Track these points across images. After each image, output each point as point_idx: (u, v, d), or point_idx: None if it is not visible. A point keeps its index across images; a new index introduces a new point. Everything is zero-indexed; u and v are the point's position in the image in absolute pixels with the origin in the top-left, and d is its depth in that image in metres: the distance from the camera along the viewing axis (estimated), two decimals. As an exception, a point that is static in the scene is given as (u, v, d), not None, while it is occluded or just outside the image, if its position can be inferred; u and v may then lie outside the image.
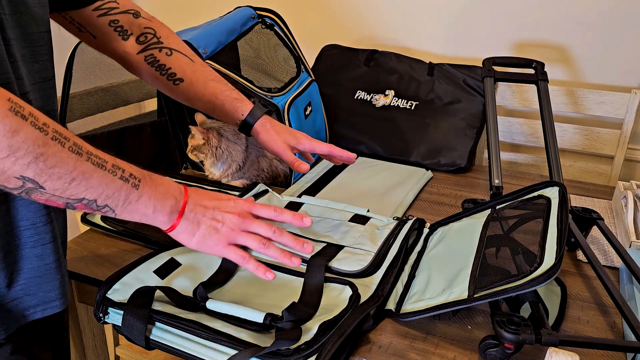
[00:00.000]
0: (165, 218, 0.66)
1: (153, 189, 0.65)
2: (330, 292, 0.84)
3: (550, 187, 0.91)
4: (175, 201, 0.67)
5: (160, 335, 0.76)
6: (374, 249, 0.94)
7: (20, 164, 0.54)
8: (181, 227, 0.68)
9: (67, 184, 0.57)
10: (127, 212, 0.64)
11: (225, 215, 0.69)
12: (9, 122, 0.52)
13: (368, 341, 0.79)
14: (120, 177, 0.62)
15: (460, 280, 0.81)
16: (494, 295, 0.73)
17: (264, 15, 1.35)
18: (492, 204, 0.97)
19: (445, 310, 0.77)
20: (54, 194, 0.58)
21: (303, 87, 1.34)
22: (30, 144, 0.54)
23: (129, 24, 0.86)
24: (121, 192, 0.62)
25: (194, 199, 0.69)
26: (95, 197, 0.60)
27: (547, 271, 0.70)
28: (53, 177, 0.56)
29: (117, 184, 0.61)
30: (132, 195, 0.63)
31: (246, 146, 1.23)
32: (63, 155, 0.56)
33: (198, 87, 0.91)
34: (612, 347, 0.74)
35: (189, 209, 0.68)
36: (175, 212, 0.67)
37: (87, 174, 0.59)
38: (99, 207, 0.61)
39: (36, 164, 0.54)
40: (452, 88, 1.50)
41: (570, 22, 1.59)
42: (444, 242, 0.97)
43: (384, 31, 1.82)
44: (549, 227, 0.81)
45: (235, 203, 0.72)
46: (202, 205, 0.69)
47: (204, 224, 0.68)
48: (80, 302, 0.98)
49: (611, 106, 1.53)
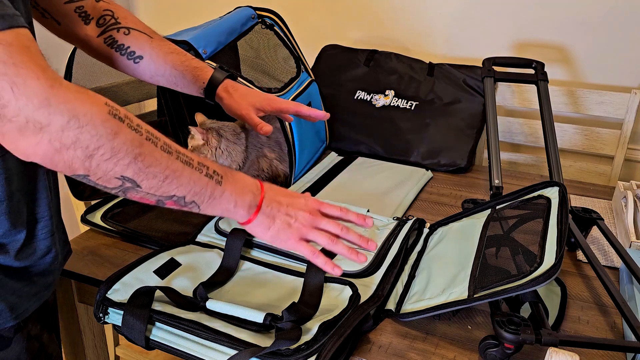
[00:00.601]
0: (245, 212, 0.69)
1: (234, 184, 0.68)
2: (330, 292, 0.84)
3: (550, 187, 0.91)
4: (253, 196, 0.69)
5: (160, 335, 0.76)
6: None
7: (121, 165, 0.56)
8: (258, 221, 0.70)
9: (161, 182, 0.60)
10: (211, 208, 0.66)
11: (297, 212, 0.72)
12: (109, 125, 0.55)
13: (368, 341, 0.79)
14: (206, 174, 0.64)
15: (460, 280, 0.81)
16: (494, 295, 0.73)
17: (264, 15, 1.35)
18: (492, 204, 0.97)
19: (445, 310, 0.77)
20: (148, 191, 0.60)
21: (303, 87, 1.34)
22: (129, 145, 0.56)
23: (92, 8, 0.86)
24: (207, 189, 0.64)
25: (270, 194, 0.71)
26: (185, 193, 0.63)
27: (547, 271, 0.70)
28: (149, 176, 0.59)
29: (203, 181, 0.64)
30: (217, 191, 0.65)
31: (246, 146, 1.23)
32: (157, 154, 0.59)
33: (158, 62, 0.91)
34: (612, 347, 0.74)
35: (265, 204, 0.70)
36: (253, 207, 0.69)
37: (178, 172, 0.61)
38: (186, 203, 0.64)
39: (135, 163, 0.57)
40: (452, 88, 1.50)
41: (570, 22, 1.59)
42: (444, 242, 0.97)
43: (384, 31, 1.82)
44: (549, 227, 0.81)
45: (306, 200, 0.74)
46: (277, 201, 0.71)
47: (279, 219, 0.71)
48: (80, 302, 0.98)
49: (611, 106, 1.53)
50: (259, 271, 0.91)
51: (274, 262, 0.93)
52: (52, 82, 0.52)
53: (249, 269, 0.92)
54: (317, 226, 0.73)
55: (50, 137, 0.52)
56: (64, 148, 0.53)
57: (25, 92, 0.50)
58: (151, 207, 1.13)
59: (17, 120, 0.51)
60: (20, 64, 0.51)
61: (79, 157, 0.54)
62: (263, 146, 1.26)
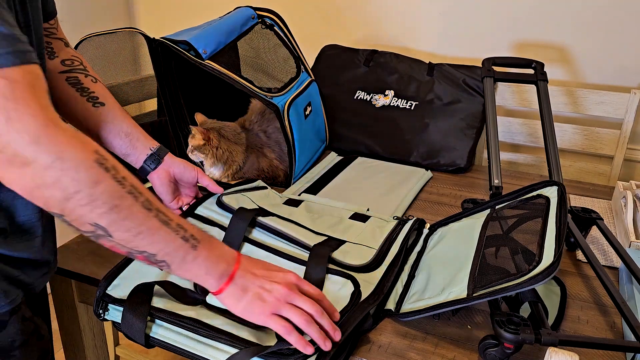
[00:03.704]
0: (215, 282, 0.68)
1: (209, 251, 0.67)
2: (331, 285, 0.84)
3: (549, 186, 0.91)
4: (227, 266, 0.69)
5: (160, 333, 0.76)
6: (375, 246, 0.94)
7: (96, 213, 0.57)
8: (228, 292, 0.69)
9: (134, 237, 0.61)
10: (181, 270, 0.67)
11: (273, 285, 0.70)
12: (93, 173, 0.56)
13: (368, 341, 0.79)
14: (182, 237, 0.65)
15: (459, 279, 0.81)
16: (493, 293, 0.73)
17: (263, 15, 1.35)
18: (492, 204, 0.97)
19: (444, 309, 0.77)
20: (119, 242, 0.61)
21: (303, 87, 1.34)
22: (108, 196, 0.58)
23: (59, 49, 0.89)
24: (179, 251, 0.65)
25: (245, 266, 0.71)
26: (156, 252, 0.63)
27: (546, 269, 0.70)
28: (122, 229, 0.60)
29: (177, 243, 0.64)
30: (189, 255, 0.66)
31: (246, 146, 1.23)
32: (135, 209, 0.60)
33: (118, 113, 0.91)
34: (612, 347, 0.74)
35: (238, 275, 0.69)
36: (225, 277, 0.68)
37: (153, 230, 0.62)
38: (157, 261, 0.65)
39: (110, 214, 0.58)
40: (452, 88, 1.50)
41: (570, 22, 1.59)
42: (443, 242, 0.97)
43: (384, 31, 1.82)
44: (548, 226, 0.81)
45: (284, 274, 0.72)
46: (252, 272, 0.70)
47: (251, 291, 0.69)
48: (80, 302, 0.98)
49: (611, 106, 1.53)
50: (260, 255, 0.89)
51: (276, 247, 0.91)
52: (48, 121, 0.54)
53: (249, 252, 0.90)
54: (292, 302, 0.70)
55: (34, 173, 0.54)
56: (43, 186, 0.55)
57: (18, 127, 0.53)
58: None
59: (6, 152, 0.53)
60: (21, 100, 0.53)
61: (56, 197, 0.56)
62: (263, 146, 1.26)
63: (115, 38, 1.40)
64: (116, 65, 0.91)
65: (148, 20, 2.21)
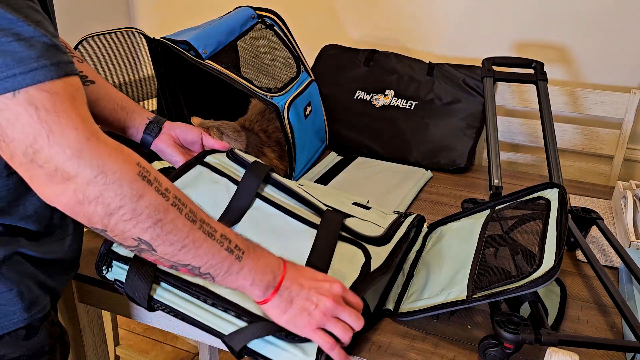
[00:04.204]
0: (261, 292, 0.66)
1: (255, 262, 0.65)
2: (342, 252, 0.79)
3: (550, 188, 0.90)
4: (273, 276, 0.67)
5: (165, 297, 0.74)
6: (384, 225, 0.92)
7: (140, 228, 0.56)
8: (274, 303, 0.67)
9: (178, 250, 0.59)
10: (226, 282, 0.65)
11: (320, 298, 0.68)
12: (136, 187, 0.55)
13: (368, 341, 0.79)
14: (227, 248, 0.63)
15: (458, 280, 0.81)
16: (494, 296, 0.73)
17: (263, 15, 1.35)
18: (492, 205, 0.97)
19: (444, 310, 0.77)
20: (163, 257, 0.60)
21: (303, 87, 1.34)
22: (152, 210, 0.56)
23: None
24: (225, 263, 0.63)
25: (291, 275, 0.68)
26: (200, 264, 0.62)
27: (547, 273, 0.70)
28: (166, 243, 0.58)
29: (222, 255, 0.63)
30: (234, 267, 0.64)
31: (246, 145, 1.23)
32: (179, 222, 0.59)
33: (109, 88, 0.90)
34: (612, 347, 0.74)
35: (284, 286, 0.67)
36: (271, 288, 0.67)
37: (197, 243, 0.60)
38: (201, 273, 0.63)
39: (154, 229, 0.57)
40: (452, 88, 1.50)
41: (570, 22, 1.59)
42: (442, 241, 0.97)
43: (384, 31, 1.82)
44: (549, 228, 0.81)
45: (330, 286, 0.70)
46: (298, 283, 0.68)
47: (297, 304, 0.68)
48: (80, 302, 0.98)
49: (611, 106, 1.53)
50: (270, 212, 0.84)
51: (288, 206, 0.86)
52: (90, 134, 0.53)
53: (259, 208, 0.84)
54: (338, 316, 0.69)
55: (76, 188, 0.53)
56: (86, 201, 0.53)
57: (60, 141, 0.52)
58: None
59: (47, 167, 0.52)
60: (62, 113, 0.52)
61: (98, 213, 0.54)
62: (263, 145, 1.26)
63: (115, 38, 1.40)
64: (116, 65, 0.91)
65: (148, 20, 2.21)
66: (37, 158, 0.52)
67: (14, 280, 0.66)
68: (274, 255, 0.69)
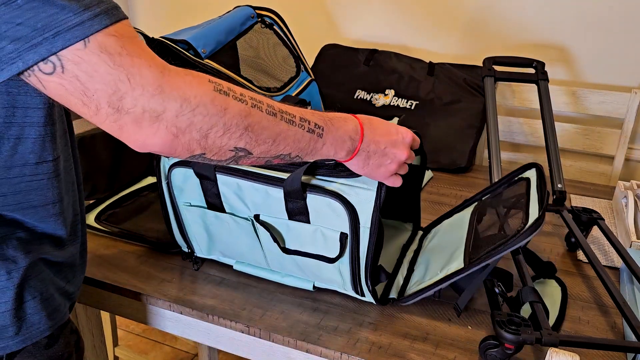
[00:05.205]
0: (343, 155, 0.72)
1: (334, 134, 0.69)
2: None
3: (529, 169, 0.93)
4: (352, 142, 0.72)
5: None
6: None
7: (234, 138, 0.58)
8: (354, 161, 0.73)
9: (270, 146, 0.62)
10: (312, 157, 0.69)
11: (395, 154, 0.75)
12: (218, 102, 0.56)
13: (368, 341, 0.78)
14: (308, 130, 0.66)
15: (455, 257, 0.84)
16: (488, 256, 0.76)
17: (263, 14, 1.35)
18: (479, 197, 0.99)
19: (445, 284, 0.79)
20: (260, 156, 0.62)
21: (302, 86, 1.34)
22: (239, 118, 0.57)
23: None
24: (310, 143, 0.66)
25: (368, 136, 0.73)
26: (290, 151, 0.65)
27: (533, 224, 0.74)
28: (260, 143, 0.61)
29: (306, 138, 0.66)
30: (318, 144, 0.68)
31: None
32: (264, 120, 0.60)
33: None
34: (613, 348, 0.74)
35: (362, 149, 0.73)
36: (351, 152, 0.72)
37: (284, 134, 0.63)
38: (291, 158, 0.66)
39: (247, 134, 0.58)
40: (453, 88, 1.50)
41: (571, 22, 1.59)
42: (437, 237, 0.99)
43: (384, 31, 1.82)
44: (531, 196, 0.84)
45: (403, 137, 0.76)
46: (375, 141, 0.74)
47: (374, 159, 0.74)
48: (79, 302, 0.98)
49: (611, 106, 1.52)
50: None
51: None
52: (162, 68, 0.53)
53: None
54: (405, 162, 0.77)
55: (167, 124, 0.53)
56: (180, 133, 0.54)
57: (141, 82, 0.51)
58: (145, 207, 1.13)
59: (134, 111, 0.51)
60: (134, 53, 0.51)
61: (196, 139, 0.55)
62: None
63: (115, 37, 1.39)
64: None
65: (147, 19, 2.21)
66: (123, 105, 0.51)
67: (38, 288, 0.66)
68: (351, 120, 0.73)
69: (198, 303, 0.85)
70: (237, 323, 0.82)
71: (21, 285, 0.63)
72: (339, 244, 0.80)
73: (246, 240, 0.86)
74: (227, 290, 0.89)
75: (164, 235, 1.01)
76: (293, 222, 0.81)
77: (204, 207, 0.87)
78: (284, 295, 0.88)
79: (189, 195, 0.87)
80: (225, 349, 0.87)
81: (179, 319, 0.88)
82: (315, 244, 0.81)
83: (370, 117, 0.76)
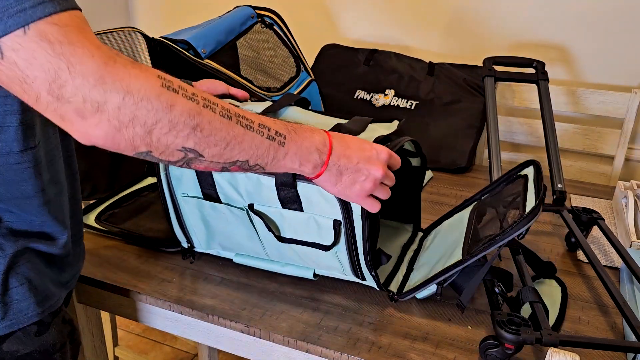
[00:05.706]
0: (310, 170, 0.69)
1: (298, 144, 0.67)
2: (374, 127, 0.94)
3: (527, 167, 0.92)
4: (319, 154, 0.69)
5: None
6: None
7: (181, 137, 0.56)
8: (324, 177, 0.70)
9: (223, 149, 0.60)
10: (275, 168, 0.67)
11: (370, 170, 0.71)
12: (164, 98, 0.55)
13: (368, 342, 0.78)
14: (267, 137, 0.64)
15: (455, 254, 0.84)
16: (487, 247, 0.75)
17: (263, 14, 1.35)
18: (478, 197, 0.99)
19: (444, 276, 0.79)
20: (212, 160, 0.61)
21: (302, 86, 1.34)
22: (187, 116, 0.56)
23: None
24: (269, 151, 0.64)
25: (338, 150, 0.70)
26: (247, 158, 0.63)
27: (530, 212, 0.73)
28: (210, 144, 0.59)
29: (265, 144, 0.64)
30: (279, 152, 0.65)
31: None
32: (216, 122, 0.59)
33: None
34: (613, 348, 0.74)
35: (332, 162, 0.70)
36: (319, 166, 0.69)
37: (239, 138, 0.61)
38: (250, 166, 0.64)
39: (195, 134, 0.57)
40: (453, 88, 1.50)
41: (571, 22, 1.59)
42: (437, 238, 0.99)
43: (384, 31, 1.82)
44: (528, 189, 0.84)
45: (377, 154, 0.73)
46: (346, 155, 0.71)
47: (346, 176, 0.71)
48: (79, 302, 0.98)
49: (612, 106, 1.52)
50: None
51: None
52: (107, 59, 0.52)
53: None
54: (383, 182, 0.74)
55: (109, 116, 0.52)
56: (122, 126, 0.53)
57: (82, 70, 0.51)
58: (144, 207, 1.13)
59: (75, 100, 0.51)
60: (77, 42, 0.51)
61: (139, 134, 0.54)
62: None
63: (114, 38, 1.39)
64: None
65: (147, 19, 2.21)
66: (63, 93, 0.51)
67: (26, 275, 0.66)
68: (319, 132, 0.70)
69: (198, 303, 0.85)
70: (237, 323, 0.82)
71: (7, 272, 0.64)
72: (333, 231, 0.79)
73: (243, 230, 0.86)
74: (227, 290, 0.89)
75: (164, 235, 1.02)
76: (286, 210, 0.81)
77: (200, 198, 0.87)
78: (284, 295, 0.88)
79: (187, 186, 0.87)
80: (225, 349, 0.87)
81: (179, 319, 0.88)
82: (310, 232, 0.81)
83: (343, 135, 0.73)
